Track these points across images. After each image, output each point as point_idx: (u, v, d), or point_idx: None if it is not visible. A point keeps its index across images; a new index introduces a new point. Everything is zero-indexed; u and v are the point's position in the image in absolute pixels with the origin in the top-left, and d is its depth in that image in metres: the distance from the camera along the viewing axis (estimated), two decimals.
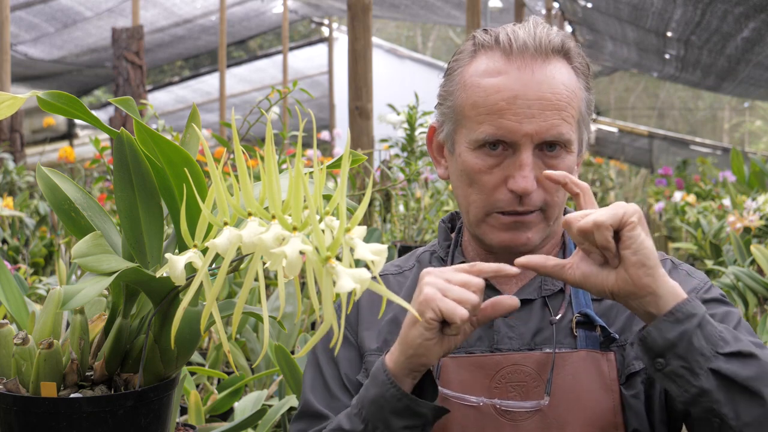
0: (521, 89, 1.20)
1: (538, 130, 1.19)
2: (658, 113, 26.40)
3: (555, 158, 1.22)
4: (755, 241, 3.60)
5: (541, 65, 1.22)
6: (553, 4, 11.15)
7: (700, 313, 1.06)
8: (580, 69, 1.27)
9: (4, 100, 1.06)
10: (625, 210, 1.04)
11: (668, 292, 1.06)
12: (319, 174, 0.89)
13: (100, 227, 1.11)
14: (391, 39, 23.45)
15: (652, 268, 1.05)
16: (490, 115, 1.21)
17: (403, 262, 1.42)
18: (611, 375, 1.20)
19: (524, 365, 1.22)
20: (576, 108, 1.24)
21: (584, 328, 1.23)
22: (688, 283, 1.26)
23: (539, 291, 1.28)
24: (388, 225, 4.07)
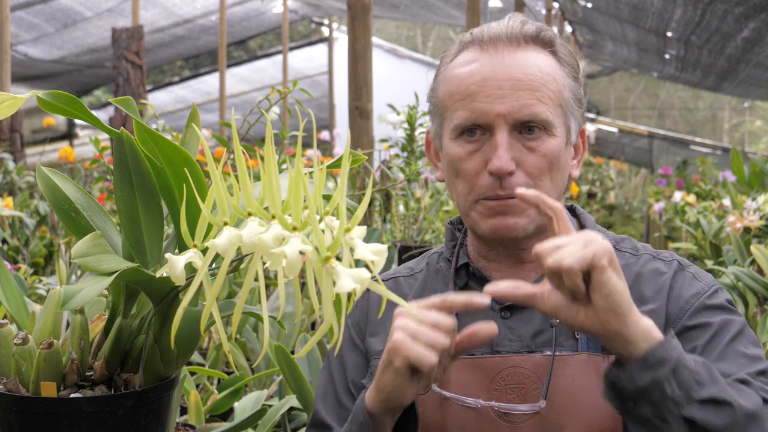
0: (491, 72, 1.22)
1: (510, 109, 1.20)
2: (658, 113, 26.40)
3: (534, 140, 1.21)
4: (755, 241, 3.60)
5: (512, 51, 1.23)
6: (553, 4, 11.15)
7: (673, 357, 1.01)
8: (563, 59, 1.27)
9: (4, 100, 1.06)
10: (595, 251, 0.98)
11: (640, 337, 1.01)
12: (319, 174, 0.89)
13: (100, 227, 1.11)
14: (391, 39, 23.44)
15: (623, 314, 1.00)
16: (463, 100, 1.23)
17: (415, 264, 1.42)
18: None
19: (523, 367, 1.21)
20: (554, 91, 1.23)
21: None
22: (691, 287, 1.24)
23: None
24: (388, 225, 4.07)
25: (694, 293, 1.23)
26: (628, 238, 1.34)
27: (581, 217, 1.35)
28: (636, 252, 1.30)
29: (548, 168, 1.23)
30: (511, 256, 1.29)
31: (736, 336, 1.18)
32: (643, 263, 1.27)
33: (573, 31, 13.86)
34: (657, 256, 1.29)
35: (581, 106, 1.30)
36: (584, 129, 1.33)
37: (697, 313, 1.21)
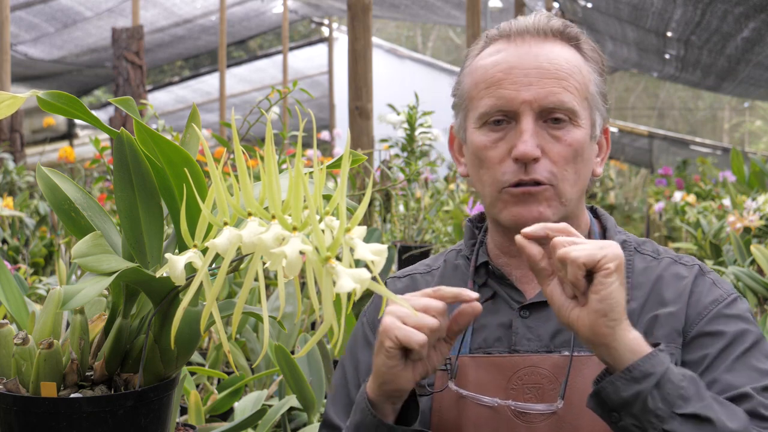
0: (517, 61, 1.23)
1: (536, 96, 1.20)
2: (658, 113, 26.40)
3: (560, 129, 1.22)
4: (755, 241, 3.59)
5: (540, 43, 1.25)
6: (553, 4, 11.15)
7: (658, 372, 1.02)
8: (588, 54, 1.28)
9: (4, 99, 1.06)
10: (606, 253, 1.01)
11: (626, 348, 1.03)
12: (319, 174, 0.89)
13: (100, 227, 1.11)
14: (391, 39, 23.45)
15: (615, 320, 1.02)
16: (489, 88, 1.24)
17: (432, 262, 1.43)
18: None
19: (541, 367, 1.21)
20: (580, 83, 1.24)
21: None
22: (710, 294, 1.23)
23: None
24: (388, 225, 4.07)
25: (713, 300, 1.22)
26: (649, 241, 1.33)
27: (602, 218, 1.34)
28: (657, 255, 1.29)
29: (573, 158, 1.23)
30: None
31: (749, 348, 1.17)
32: (665, 267, 1.27)
33: None
34: (678, 260, 1.28)
35: (606, 103, 1.30)
36: (608, 128, 1.33)
37: (713, 321, 1.20)
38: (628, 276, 1.25)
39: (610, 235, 1.30)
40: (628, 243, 1.30)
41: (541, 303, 1.25)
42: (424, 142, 3.92)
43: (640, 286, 1.25)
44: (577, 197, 1.26)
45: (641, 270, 1.27)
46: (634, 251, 1.29)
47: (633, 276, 1.26)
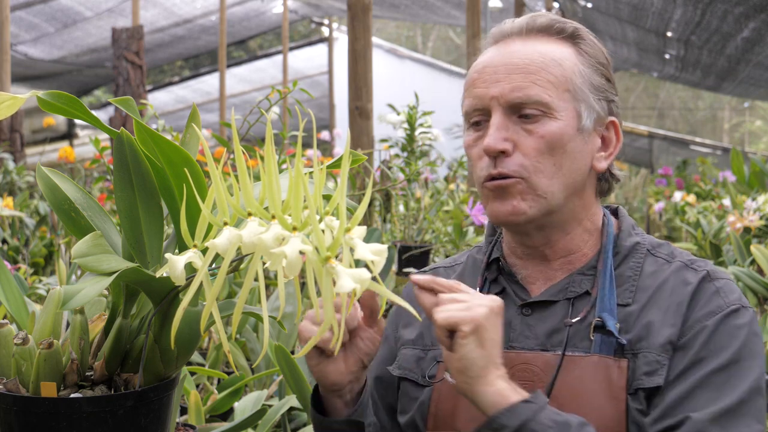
0: (490, 60, 1.27)
1: (502, 91, 1.23)
2: (658, 113, 26.40)
3: (533, 123, 1.22)
4: (755, 241, 3.60)
5: (520, 42, 1.27)
6: (553, 4, 11.15)
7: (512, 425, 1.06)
8: (584, 49, 1.27)
9: (4, 100, 1.06)
10: (464, 316, 1.06)
11: (488, 402, 1.08)
12: (319, 174, 0.89)
13: (100, 227, 1.11)
14: (391, 39, 23.45)
15: (471, 377, 1.08)
16: (468, 89, 1.28)
17: (459, 256, 1.46)
18: (619, 383, 1.17)
19: (534, 365, 1.22)
20: (558, 76, 1.23)
21: (601, 333, 1.20)
22: (708, 304, 1.20)
23: (564, 293, 1.26)
24: (388, 225, 4.07)
25: (708, 312, 1.19)
26: (667, 244, 1.31)
27: (622, 218, 1.33)
28: (671, 259, 1.27)
29: (548, 150, 1.22)
30: (536, 253, 1.29)
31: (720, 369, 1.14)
32: (673, 271, 1.24)
33: None
34: (690, 265, 1.25)
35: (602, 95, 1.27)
36: (615, 121, 1.30)
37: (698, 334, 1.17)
38: (634, 279, 1.25)
39: (624, 237, 1.29)
40: (641, 245, 1.28)
41: (543, 303, 1.26)
42: (424, 142, 3.92)
43: (644, 289, 1.24)
44: (561, 191, 1.24)
45: (650, 273, 1.25)
46: (646, 253, 1.28)
47: (640, 279, 1.25)
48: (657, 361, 1.17)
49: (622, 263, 1.27)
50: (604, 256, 1.26)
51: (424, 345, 1.33)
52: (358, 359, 1.19)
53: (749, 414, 1.12)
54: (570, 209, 1.27)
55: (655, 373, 1.16)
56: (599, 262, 1.26)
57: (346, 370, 1.19)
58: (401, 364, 1.33)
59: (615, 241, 1.29)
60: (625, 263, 1.27)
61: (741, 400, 1.13)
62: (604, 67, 1.29)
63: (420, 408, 1.28)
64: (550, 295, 1.26)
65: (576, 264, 1.28)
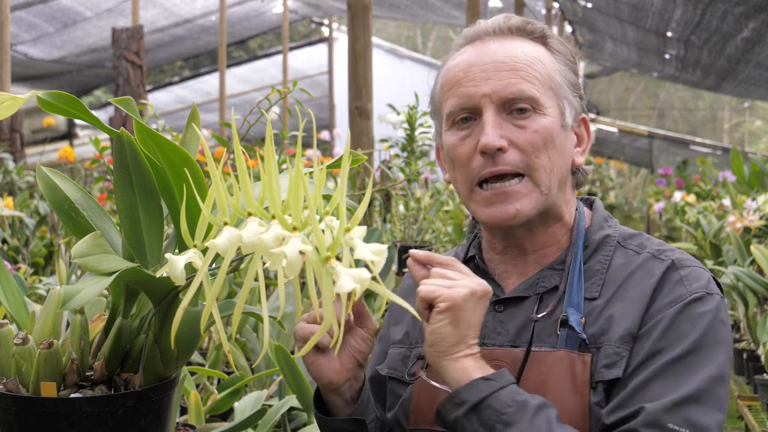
0: (475, 58, 1.27)
1: (494, 88, 1.23)
2: (658, 113, 26.40)
3: (525, 118, 1.23)
4: (755, 241, 3.60)
5: (499, 41, 1.28)
6: (553, 4, 11.15)
7: (473, 399, 1.10)
8: (554, 47, 1.30)
9: (4, 100, 1.06)
10: (443, 293, 1.10)
11: (453, 377, 1.12)
12: (319, 174, 0.89)
13: (100, 227, 1.11)
14: (391, 39, 23.45)
15: (439, 353, 1.12)
16: (452, 88, 1.28)
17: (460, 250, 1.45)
18: (583, 378, 1.17)
19: (503, 361, 1.23)
20: (542, 73, 1.25)
21: (567, 328, 1.20)
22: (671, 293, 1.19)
23: (535, 288, 1.27)
24: (388, 225, 4.06)
25: (670, 301, 1.18)
26: (639, 235, 1.31)
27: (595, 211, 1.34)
28: (640, 250, 1.27)
29: (543, 145, 1.23)
30: (515, 246, 1.30)
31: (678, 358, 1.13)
32: (641, 262, 1.24)
33: (573, 31, 13.85)
34: (657, 255, 1.25)
35: (577, 92, 1.30)
36: (586, 117, 1.33)
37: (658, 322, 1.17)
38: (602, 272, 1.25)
39: (594, 230, 1.29)
40: (611, 238, 1.29)
41: (515, 299, 1.27)
42: (424, 142, 3.92)
43: (611, 282, 1.24)
44: (556, 186, 1.26)
45: (618, 266, 1.25)
46: (616, 245, 1.28)
47: (608, 272, 1.25)
48: (616, 353, 1.17)
49: (591, 257, 1.27)
50: (573, 251, 1.27)
51: (410, 343, 1.35)
52: (352, 357, 1.22)
53: (709, 403, 1.11)
54: (557, 204, 1.28)
55: (614, 366, 1.16)
56: (568, 255, 1.27)
57: (342, 368, 1.21)
58: (389, 363, 1.36)
59: (585, 234, 1.29)
60: (594, 257, 1.27)
61: (700, 389, 1.11)
62: (575, 65, 1.32)
63: (402, 405, 1.30)
64: (521, 291, 1.28)
65: (549, 258, 1.29)
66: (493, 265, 1.33)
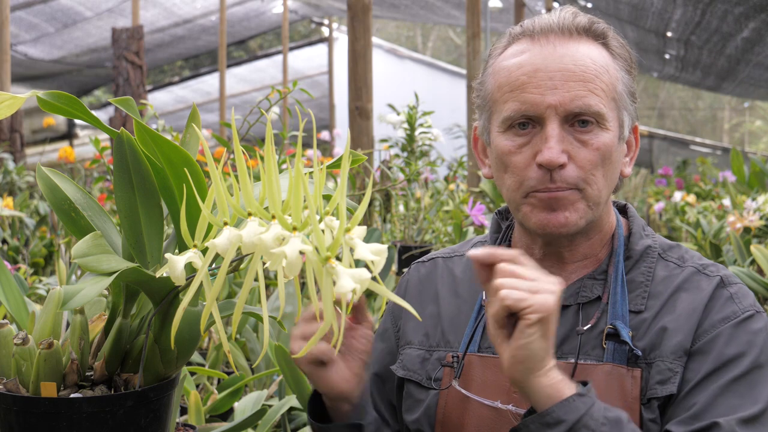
0: (542, 63, 1.19)
1: (561, 100, 1.17)
2: (658, 113, 26.39)
3: (587, 133, 1.18)
4: (755, 241, 3.59)
5: (564, 42, 1.20)
6: (553, 4, 11.14)
7: (571, 419, 1.02)
8: (616, 51, 1.24)
9: (4, 100, 1.06)
10: (533, 303, 1.01)
11: (542, 393, 1.04)
12: (319, 174, 0.89)
13: (100, 227, 1.11)
14: (391, 39, 23.45)
15: (529, 369, 1.03)
16: (513, 91, 1.20)
17: (459, 247, 1.41)
18: (633, 393, 1.15)
19: None
20: (607, 83, 1.20)
21: (614, 341, 1.17)
22: (722, 310, 1.18)
23: (576, 297, 1.23)
24: (388, 225, 4.06)
25: (722, 318, 1.17)
26: (677, 246, 1.28)
27: (631, 219, 1.31)
28: (682, 263, 1.24)
29: (601, 163, 1.19)
30: (554, 255, 1.26)
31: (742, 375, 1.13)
32: (686, 277, 1.22)
33: None
34: (702, 270, 1.23)
35: (635, 100, 1.26)
36: (637, 125, 1.30)
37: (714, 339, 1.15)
38: (646, 284, 1.22)
39: (635, 240, 1.26)
40: (653, 249, 1.26)
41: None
42: (424, 142, 3.92)
43: (657, 296, 1.21)
44: (605, 200, 1.23)
45: (662, 278, 1.23)
46: (657, 258, 1.25)
47: (652, 285, 1.22)
48: (669, 369, 1.15)
49: (633, 268, 1.24)
50: (615, 261, 1.24)
51: (429, 346, 1.30)
52: (359, 359, 1.18)
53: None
54: (601, 216, 1.25)
55: (668, 381, 1.14)
56: (610, 266, 1.24)
57: (351, 375, 1.17)
58: (405, 364, 1.30)
59: (626, 244, 1.26)
60: (636, 268, 1.24)
61: (764, 409, 1.11)
62: (634, 70, 1.27)
63: (426, 412, 1.25)
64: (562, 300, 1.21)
65: (589, 268, 1.26)
66: None
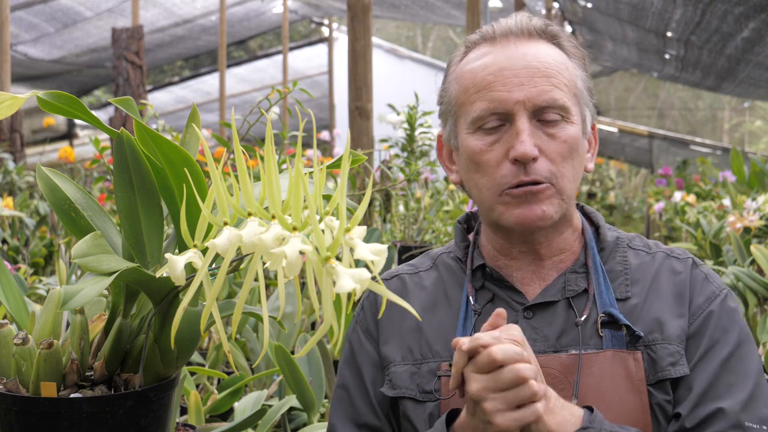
0: (506, 62, 1.23)
1: (528, 95, 1.21)
2: (658, 113, 26.40)
3: (554, 127, 1.22)
4: (755, 241, 3.59)
5: (524, 42, 1.25)
6: (553, 4, 11.14)
7: None
8: (571, 51, 1.29)
9: (4, 100, 1.06)
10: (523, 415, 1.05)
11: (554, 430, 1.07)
12: (319, 174, 0.89)
13: (100, 227, 1.11)
14: (391, 39, 23.45)
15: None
16: (480, 91, 1.24)
17: (419, 263, 1.40)
18: (639, 375, 1.19)
19: (550, 368, 1.21)
20: (568, 79, 1.25)
21: (610, 328, 1.22)
22: (703, 290, 1.25)
23: (563, 292, 1.26)
24: (388, 225, 4.06)
25: (706, 298, 1.24)
26: (637, 236, 1.34)
27: (592, 216, 1.35)
28: (649, 250, 1.31)
29: (569, 155, 1.23)
30: (531, 252, 1.28)
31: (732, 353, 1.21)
32: (660, 261, 1.29)
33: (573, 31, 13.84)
34: (671, 254, 1.30)
35: (593, 98, 1.31)
36: (595, 124, 1.33)
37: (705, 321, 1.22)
38: (626, 273, 1.27)
39: (603, 232, 1.31)
40: (621, 240, 1.32)
41: (544, 304, 1.26)
42: (424, 142, 3.92)
43: (638, 282, 1.26)
44: (574, 193, 1.27)
45: (637, 266, 1.28)
46: (627, 247, 1.31)
47: (630, 272, 1.28)
48: (677, 351, 1.20)
49: (609, 259, 1.29)
50: (591, 253, 1.28)
51: (415, 359, 1.28)
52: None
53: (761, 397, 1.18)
54: (570, 210, 1.29)
55: (678, 363, 1.19)
56: (588, 259, 1.28)
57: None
58: (394, 383, 1.28)
59: (597, 237, 1.31)
60: (612, 258, 1.29)
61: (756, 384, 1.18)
62: (587, 67, 1.31)
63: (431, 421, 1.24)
64: (550, 296, 1.26)
65: (566, 262, 1.29)
66: (509, 271, 1.30)
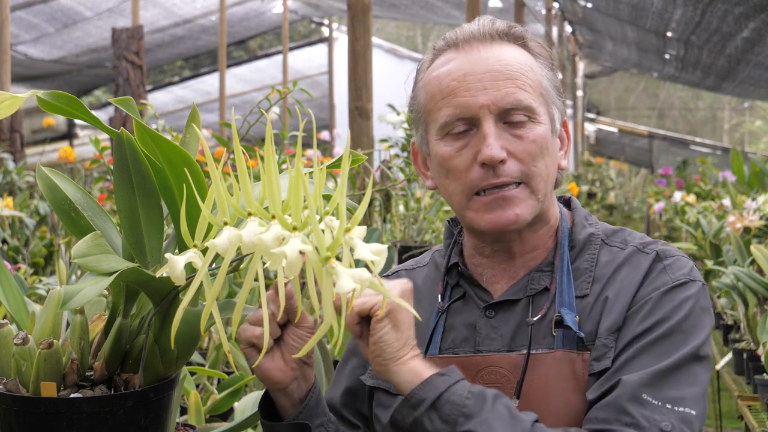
0: (469, 67, 1.24)
1: (493, 99, 1.21)
2: (658, 113, 26.40)
3: (521, 128, 1.23)
4: (755, 241, 3.59)
5: (487, 46, 1.26)
6: (553, 4, 11.16)
7: (431, 396, 1.09)
8: (536, 51, 1.29)
9: (4, 100, 1.06)
10: (377, 301, 1.09)
11: (404, 380, 1.11)
12: (319, 174, 0.89)
13: (100, 227, 1.11)
14: (391, 39, 23.45)
15: (386, 360, 1.11)
16: (446, 98, 1.25)
17: (421, 259, 1.45)
18: (584, 376, 1.18)
19: (500, 367, 1.22)
20: (533, 80, 1.25)
21: (562, 328, 1.21)
22: (654, 282, 1.21)
23: (525, 290, 1.27)
24: (388, 225, 4.06)
25: (653, 288, 1.21)
26: (621, 230, 1.32)
27: (575, 211, 1.34)
28: (624, 245, 1.28)
29: (539, 154, 1.23)
30: (504, 250, 1.29)
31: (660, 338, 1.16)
32: (626, 256, 1.26)
33: (573, 31, 13.85)
34: (642, 249, 1.27)
35: (561, 96, 1.31)
36: (566, 120, 1.34)
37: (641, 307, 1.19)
38: (590, 270, 1.26)
39: (577, 230, 1.30)
40: (595, 236, 1.30)
41: (506, 302, 1.27)
42: None
43: (600, 279, 1.25)
44: (548, 192, 1.27)
45: (605, 263, 1.27)
46: (601, 244, 1.29)
47: (596, 269, 1.26)
48: (605, 345, 1.18)
49: (578, 257, 1.28)
50: (560, 252, 1.28)
51: None
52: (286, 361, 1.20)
53: (682, 378, 1.13)
54: (546, 208, 1.29)
55: (604, 357, 1.18)
56: (556, 257, 1.28)
57: (286, 367, 1.19)
58: (373, 374, 1.32)
59: (570, 234, 1.30)
60: (581, 256, 1.28)
61: (677, 364, 1.14)
62: (555, 67, 1.32)
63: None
64: (512, 294, 1.27)
65: (536, 260, 1.29)
66: (480, 270, 1.32)
